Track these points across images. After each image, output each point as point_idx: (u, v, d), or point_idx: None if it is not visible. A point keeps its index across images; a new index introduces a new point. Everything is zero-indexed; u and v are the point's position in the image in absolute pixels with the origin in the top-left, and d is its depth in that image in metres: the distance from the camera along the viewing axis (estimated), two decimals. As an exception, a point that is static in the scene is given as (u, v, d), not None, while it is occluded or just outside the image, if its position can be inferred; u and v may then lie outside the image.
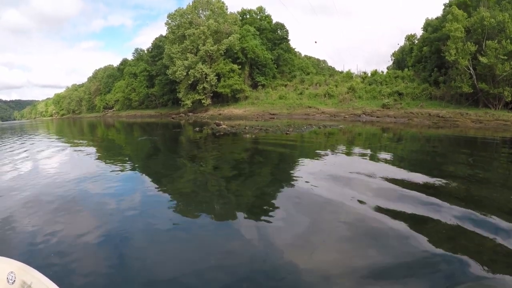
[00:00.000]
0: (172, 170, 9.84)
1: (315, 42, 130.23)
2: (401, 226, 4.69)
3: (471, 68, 25.82)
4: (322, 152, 11.49)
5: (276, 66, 50.82)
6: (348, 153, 11.55)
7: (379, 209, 5.32)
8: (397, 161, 10.12)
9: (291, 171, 8.89)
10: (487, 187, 6.70)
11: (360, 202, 5.72)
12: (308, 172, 8.24)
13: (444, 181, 7.04)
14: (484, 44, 24.90)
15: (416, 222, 4.82)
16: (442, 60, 28.65)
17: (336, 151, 12.06)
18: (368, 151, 11.88)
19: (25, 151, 15.83)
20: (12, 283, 2.70)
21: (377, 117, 29.13)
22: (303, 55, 69.89)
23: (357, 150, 12.43)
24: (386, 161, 9.98)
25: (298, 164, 9.88)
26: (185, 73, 47.14)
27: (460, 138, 16.19)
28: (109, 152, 15.48)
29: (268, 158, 11.09)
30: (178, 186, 7.87)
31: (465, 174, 7.90)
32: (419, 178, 7.36)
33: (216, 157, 11.55)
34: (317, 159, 10.38)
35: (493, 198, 5.91)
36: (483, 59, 24.21)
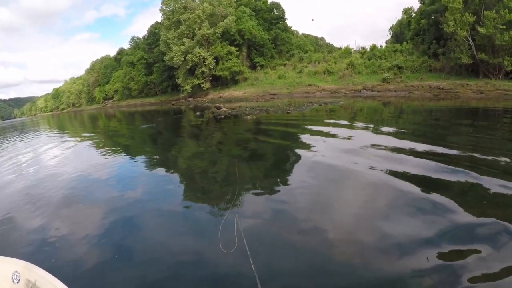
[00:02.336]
0: (174, 157, 9.89)
1: (312, 19, 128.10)
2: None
3: (470, 39, 25.58)
4: (324, 130, 11.52)
5: (273, 46, 50.39)
6: (349, 134, 11.43)
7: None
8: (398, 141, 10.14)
9: (291, 156, 8.89)
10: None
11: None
12: (313, 152, 8.33)
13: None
14: (482, 15, 24.60)
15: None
16: (441, 32, 28.36)
17: (337, 127, 12.12)
18: (371, 125, 12.03)
19: (27, 147, 15.88)
20: (17, 282, 2.73)
21: (378, 91, 29.14)
22: (300, 33, 69.08)
23: (359, 125, 12.53)
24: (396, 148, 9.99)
25: (301, 144, 9.91)
26: (182, 59, 46.87)
27: (462, 109, 16.28)
28: (111, 142, 15.45)
29: (269, 141, 10.88)
30: (181, 174, 7.75)
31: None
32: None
33: (217, 142, 11.60)
34: (318, 138, 10.37)
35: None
36: (481, 30, 23.96)
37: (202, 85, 48.09)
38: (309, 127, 12.85)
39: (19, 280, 2.73)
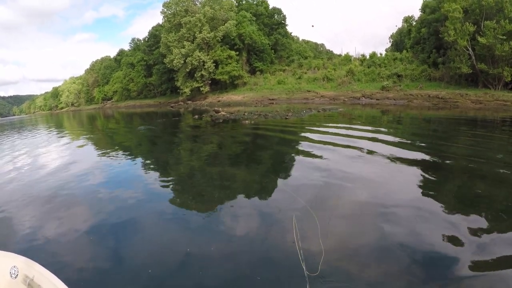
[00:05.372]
0: (171, 160, 9.82)
1: (312, 26, 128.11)
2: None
3: (469, 49, 25.66)
4: (322, 137, 11.46)
5: (273, 51, 50.41)
6: (348, 142, 11.44)
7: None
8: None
9: (290, 160, 8.80)
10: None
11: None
12: (308, 161, 8.19)
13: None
14: (482, 24, 24.70)
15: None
16: (441, 41, 28.49)
17: (336, 136, 12.00)
18: (370, 134, 11.91)
19: (24, 146, 15.74)
20: (15, 277, 2.75)
21: (377, 99, 29.16)
22: (300, 39, 69.28)
23: (358, 134, 12.37)
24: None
25: (297, 152, 9.79)
26: (182, 61, 46.91)
27: (461, 119, 16.23)
28: (108, 143, 15.36)
29: (267, 147, 10.77)
30: (178, 176, 7.76)
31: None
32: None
33: (215, 146, 11.49)
34: (317, 145, 10.29)
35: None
36: (481, 40, 24.05)
37: (201, 89, 48.12)
38: (307, 134, 12.75)
39: (17, 275, 2.76)
